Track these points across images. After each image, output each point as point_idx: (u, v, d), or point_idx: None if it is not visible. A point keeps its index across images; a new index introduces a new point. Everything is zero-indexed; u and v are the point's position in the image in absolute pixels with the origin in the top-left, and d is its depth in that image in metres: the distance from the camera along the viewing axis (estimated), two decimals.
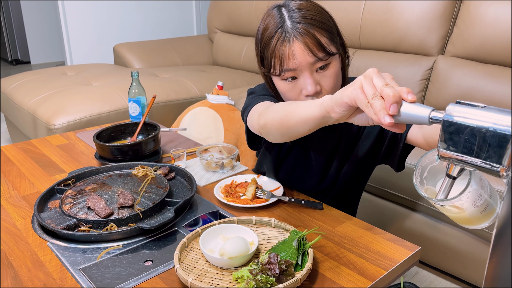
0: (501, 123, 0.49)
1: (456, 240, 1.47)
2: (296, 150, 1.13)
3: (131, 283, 0.80)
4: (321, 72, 0.94)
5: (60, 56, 5.45)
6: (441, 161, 0.57)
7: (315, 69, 0.94)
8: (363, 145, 1.08)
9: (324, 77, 0.94)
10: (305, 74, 0.93)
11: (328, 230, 0.97)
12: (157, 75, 2.65)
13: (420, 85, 2.06)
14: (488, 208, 0.66)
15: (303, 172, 1.15)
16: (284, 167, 1.17)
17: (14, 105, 2.27)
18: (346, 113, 0.68)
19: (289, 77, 0.95)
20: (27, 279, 0.81)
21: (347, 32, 2.53)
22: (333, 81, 0.96)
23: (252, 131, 1.03)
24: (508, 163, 0.49)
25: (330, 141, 1.10)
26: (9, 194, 1.14)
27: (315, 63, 0.92)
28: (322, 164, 1.12)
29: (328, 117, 0.72)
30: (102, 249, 0.90)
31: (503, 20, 1.77)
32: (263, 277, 0.74)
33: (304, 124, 0.78)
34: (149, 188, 1.07)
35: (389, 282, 0.85)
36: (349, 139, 1.10)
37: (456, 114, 0.53)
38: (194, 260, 0.85)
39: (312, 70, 0.94)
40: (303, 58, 0.91)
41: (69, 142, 1.51)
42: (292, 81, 0.96)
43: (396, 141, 1.01)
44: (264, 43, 0.97)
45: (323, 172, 1.14)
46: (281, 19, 0.94)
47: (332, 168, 1.13)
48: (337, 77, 0.97)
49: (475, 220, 0.67)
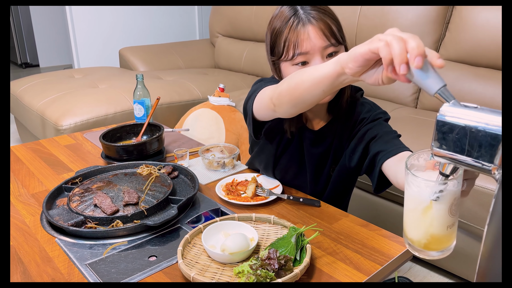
0: (493, 123, 0.49)
1: None
2: (292, 149, 1.13)
3: (136, 277, 0.80)
4: (330, 59, 0.94)
5: (67, 60, 5.44)
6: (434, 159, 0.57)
7: (325, 54, 0.95)
8: (351, 157, 1.07)
9: None
10: (316, 58, 0.94)
11: (325, 226, 0.97)
12: (161, 77, 2.65)
13: (414, 87, 2.06)
14: (453, 227, 0.60)
15: (297, 171, 1.15)
16: (280, 166, 1.16)
17: (23, 107, 2.27)
18: (359, 69, 0.67)
19: (300, 61, 0.95)
20: (36, 274, 0.81)
21: None
22: None
23: (258, 116, 1.01)
24: (499, 162, 0.49)
25: (322, 145, 1.11)
26: (18, 192, 1.14)
27: (326, 47, 0.94)
28: (314, 166, 1.13)
29: (342, 74, 0.71)
30: (108, 245, 0.89)
31: (493, 25, 1.77)
32: (263, 272, 0.74)
33: (319, 84, 0.76)
34: (153, 186, 1.07)
35: (384, 276, 0.85)
36: (338, 148, 1.10)
37: (449, 114, 0.53)
38: (197, 255, 0.85)
39: (323, 55, 0.95)
40: (317, 41, 0.93)
41: (76, 142, 1.51)
42: (302, 66, 0.96)
43: (374, 165, 1.00)
44: (277, 31, 0.97)
45: (315, 174, 1.14)
46: (293, 9, 0.96)
47: (324, 172, 1.13)
48: None
49: (441, 236, 0.60)
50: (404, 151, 0.94)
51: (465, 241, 1.44)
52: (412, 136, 1.60)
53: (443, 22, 1.98)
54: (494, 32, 1.77)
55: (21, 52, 5.50)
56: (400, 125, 1.70)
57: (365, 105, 1.09)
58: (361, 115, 1.07)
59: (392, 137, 1.00)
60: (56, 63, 5.50)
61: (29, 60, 5.53)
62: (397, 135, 1.02)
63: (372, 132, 1.02)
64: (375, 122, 1.04)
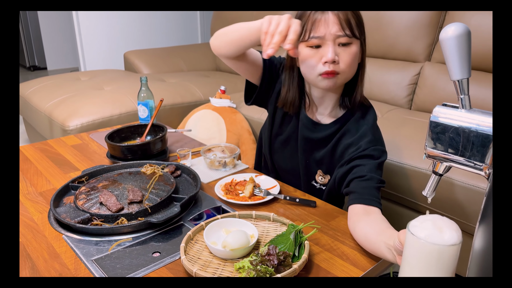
0: (484, 124, 0.49)
1: None
2: (289, 130, 1.15)
3: (140, 273, 0.80)
4: (342, 48, 0.97)
5: (74, 63, 5.44)
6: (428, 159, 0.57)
7: (338, 42, 0.97)
8: (339, 169, 1.05)
9: (343, 52, 0.98)
10: (328, 43, 0.97)
11: (323, 224, 0.97)
12: (164, 80, 2.65)
13: (408, 89, 2.06)
14: None
15: (290, 155, 1.17)
16: (276, 144, 1.20)
17: (31, 108, 2.27)
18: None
19: (314, 44, 0.97)
20: (44, 269, 0.81)
21: None
22: (350, 59, 0.98)
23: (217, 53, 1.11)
24: (490, 161, 0.49)
25: (318, 152, 1.11)
26: (27, 191, 1.14)
27: (339, 37, 0.96)
28: (304, 152, 1.13)
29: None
30: (113, 241, 0.89)
31: (485, 29, 1.77)
32: (263, 267, 0.74)
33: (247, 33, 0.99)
34: (157, 185, 1.07)
35: (379, 272, 0.85)
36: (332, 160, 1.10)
37: (442, 116, 0.53)
38: (199, 251, 0.85)
39: (336, 43, 0.97)
40: (332, 27, 0.95)
41: (82, 142, 1.51)
42: (316, 48, 0.98)
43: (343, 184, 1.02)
44: (301, 14, 1.00)
45: (306, 164, 1.14)
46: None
47: (316, 176, 1.14)
48: (354, 57, 0.99)
49: None
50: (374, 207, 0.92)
51: None
52: (406, 137, 1.60)
53: (436, 26, 1.98)
54: (485, 36, 1.77)
55: (30, 55, 5.49)
56: (395, 125, 1.70)
57: (368, 133, 1.04)
58: (361, 142, 1.03)
59: (373, 186, 0.95)
60: (63, 66, 5.50)
61: (37, 63, 5.53)
62: (379, 186, 0.96)
63: (361, 170, 0.99)
64: (368, 160, 1.00)
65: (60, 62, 5.47)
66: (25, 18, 5.23)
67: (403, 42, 2.06)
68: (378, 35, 2.13)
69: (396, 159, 1.51)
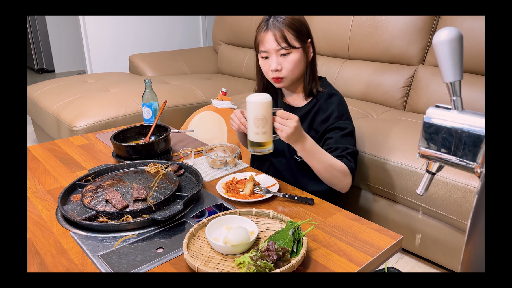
0: (476, 124, 0.49)
1: (435, 230, 1.46)
2: None
3: (145, 268, 0.80)
4: (283, 57, 1.17)
5: (81, 66, 5.44)
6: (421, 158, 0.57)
7: (280, 54, 1.17)
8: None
9: (285, 60, 1.17)
10: (272, 56, 1.17)
11: (320, 221, 0.97)
12: (167, 82, 2.65)
13: (403, 91, 2.06)
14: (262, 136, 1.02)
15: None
16: None
17: (40, 109, 2.27)
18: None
19: (263, 56, 1.19)
20: (52, 265, 0.81)
21: (337, 44, 2.53)
22: (291, 66, 1.17)
23: None
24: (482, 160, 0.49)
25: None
26: (35, 189, 1.14)
27: (279, 49, 1.16)
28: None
29: None
30: (118, 238, 0.89)
31: (477, 33, 1.77)
32: (262, 262, 0.74)
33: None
34: (161, 183, 1.07)
35: (374, 267, 0.85)
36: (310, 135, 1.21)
37: (435, 117, 0.53)
38: (201, 247, 0.85)
39: (278, 54, 1.17)
40: (272, 43, 1.16)
41: (89, 142, 1.51)
42: (266, 59, 1.19)
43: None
44: (256, 32, 1.21)
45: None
46: (268, 17, 1.18)
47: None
48: (295, 63, 1.17)
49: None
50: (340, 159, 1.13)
51: (450, 234, 1.44)
52: (400, 136, 1.60)
53: (429, 30, 1.98)
54: (477, 40, 1.77)
55: (38, 58, 5.49)
56: (389, 126, 1.70)
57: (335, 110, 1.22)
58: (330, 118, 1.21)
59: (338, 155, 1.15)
60: (70, 68, 5.49)
61: (45, 66, 5.53)
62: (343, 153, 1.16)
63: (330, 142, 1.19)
64: (336, 133, 1.20)
65: (68, 65, 5.47)
66: (34, 22, 5.23)
67: (398, 46, 2.06)
68: (374, 40, 2.13)
69: (391, 159, 1.51)
